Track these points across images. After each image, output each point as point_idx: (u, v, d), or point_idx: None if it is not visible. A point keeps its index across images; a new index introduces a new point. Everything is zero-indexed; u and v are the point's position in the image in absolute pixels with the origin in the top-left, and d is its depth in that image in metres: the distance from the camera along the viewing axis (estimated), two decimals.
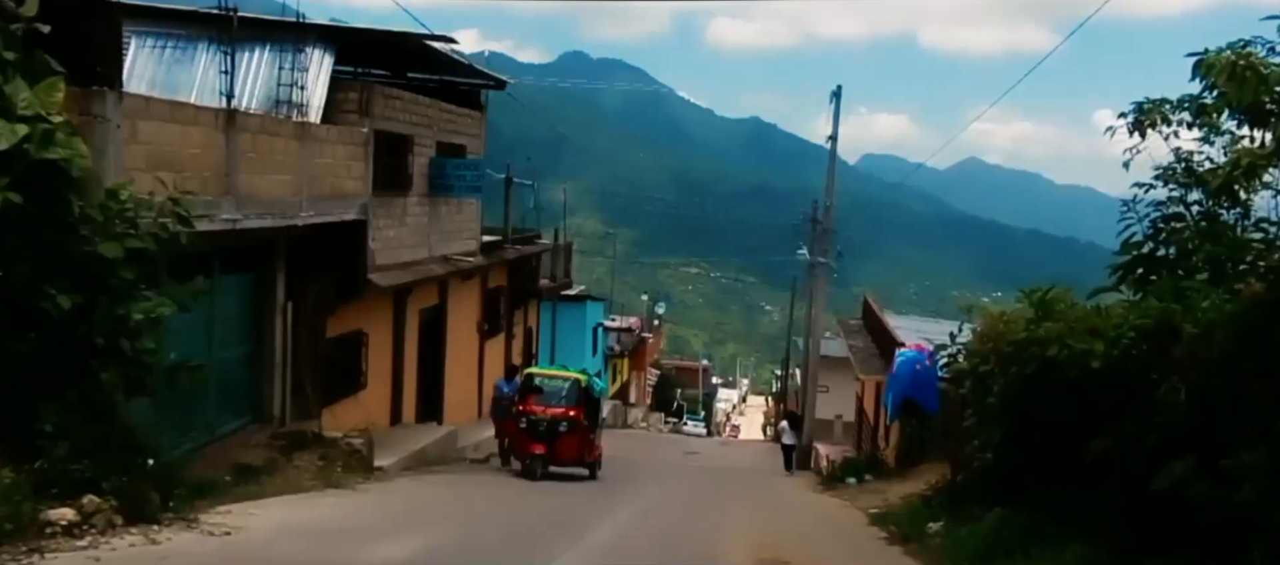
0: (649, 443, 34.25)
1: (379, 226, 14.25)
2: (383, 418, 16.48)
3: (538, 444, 15.44)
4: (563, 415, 15.59)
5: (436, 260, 16.94)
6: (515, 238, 22.45)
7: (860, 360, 21.43)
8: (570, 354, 35.04)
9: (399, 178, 15.09)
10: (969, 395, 9.74)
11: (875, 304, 26.24)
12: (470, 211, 18.64)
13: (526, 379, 16.13)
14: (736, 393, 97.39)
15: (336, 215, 12.43)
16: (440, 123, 16.67)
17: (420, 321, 18.10)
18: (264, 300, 12.22)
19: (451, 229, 17.70)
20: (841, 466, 19.85)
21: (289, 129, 10.91)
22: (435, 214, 16.77)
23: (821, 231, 28.40)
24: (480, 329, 21.88)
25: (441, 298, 19.08)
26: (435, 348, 19.07)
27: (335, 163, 12.32)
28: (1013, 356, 7.89)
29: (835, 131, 27.82)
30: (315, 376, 13.39)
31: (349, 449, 12.52)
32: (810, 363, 28.83)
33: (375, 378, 15.95)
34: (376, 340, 15.96)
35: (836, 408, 35.33)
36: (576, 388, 15.93)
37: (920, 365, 17.00)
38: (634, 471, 21.53)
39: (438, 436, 16.52)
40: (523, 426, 15.64)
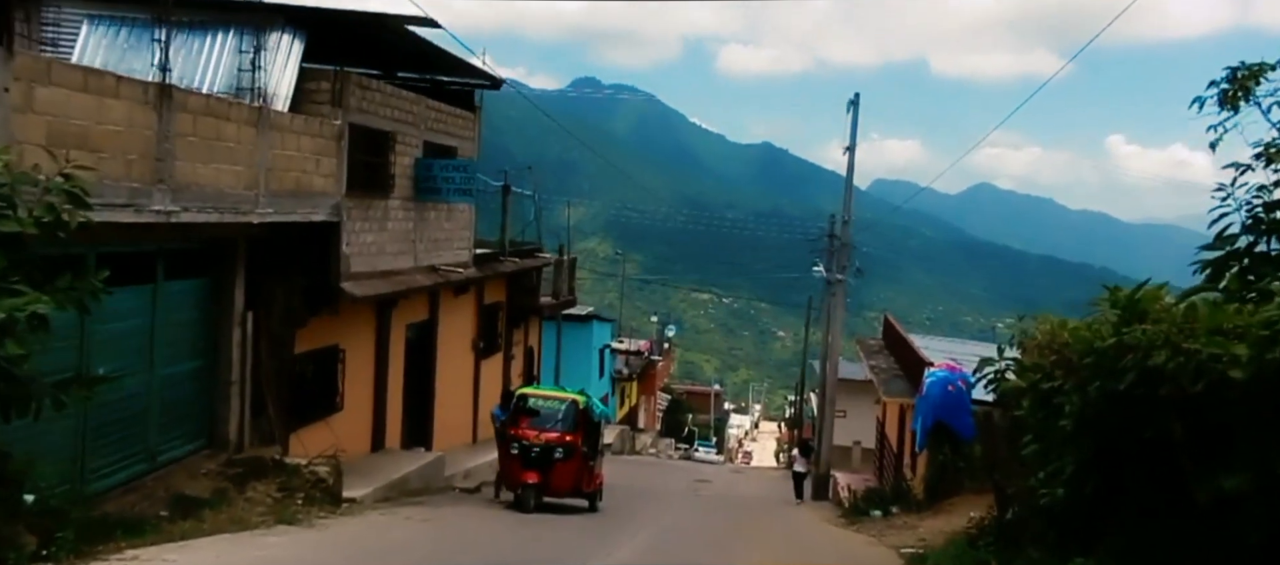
0: (657, 470, 32.66)
1: (355, 230, 12.90)
2: (362, 443, 15.06)
3: (530, 472, 13.99)
4: (558, 440, 14.14)
5: (423, 270, 15.57)
6: (513, 250, 21.07)
7: (883, 381, 19.91)
8: (575, 376, 33.64)
9: (379, 178, 13.76)
10: (1026, 417, 8.22)
11: (897, 323, 24.70)
12: (462, 219, 17.29)
13: (519, 400, 14.69)
14: (749, 418, 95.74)
15: (302, 215, 11.08)
16: (427, 121, 15.35)
17: (407, 338, 16.71)
18: (219, 309, 10.86)
19: (440, 237, 16.34)
20: (864, 497, 18.27)
21: (242, 113, 9.59)
22: (422, 220, 15.42)
23: (839, 246, 26.99)
24: (475, 347, 20.48)
25: (431, 312, 17.70)
26: (424, 367, 17.67)
27: (300, 156, 10.98)
28: (1094, 368, 6.41)
29: (852, 142, 26.49)
30: (281, 396, 12.00)
31: (313, 478, 11.09)
32: (827, 385, 27.26)
33: (353, 398, 14.54)
34: (355, 357, 14.57)
35: (855, 434, 33.75)
36: (574, 410, 14.48)
37: (952, 386, 15.48)
38: (639, 501, 20.01)
39: (422, 463, 15.07)
40: (513, 452, 14.20)
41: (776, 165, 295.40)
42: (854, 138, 26.49)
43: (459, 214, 17.15)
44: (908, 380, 19.54)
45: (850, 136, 26.50)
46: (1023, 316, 9.65)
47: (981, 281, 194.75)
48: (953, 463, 15.23)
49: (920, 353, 18.91)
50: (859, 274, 26.99)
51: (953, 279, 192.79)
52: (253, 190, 9.87)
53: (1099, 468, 6.79)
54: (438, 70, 17.09)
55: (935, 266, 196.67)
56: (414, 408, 17.34)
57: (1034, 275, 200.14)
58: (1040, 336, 8.87)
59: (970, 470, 15.29)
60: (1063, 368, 7.70)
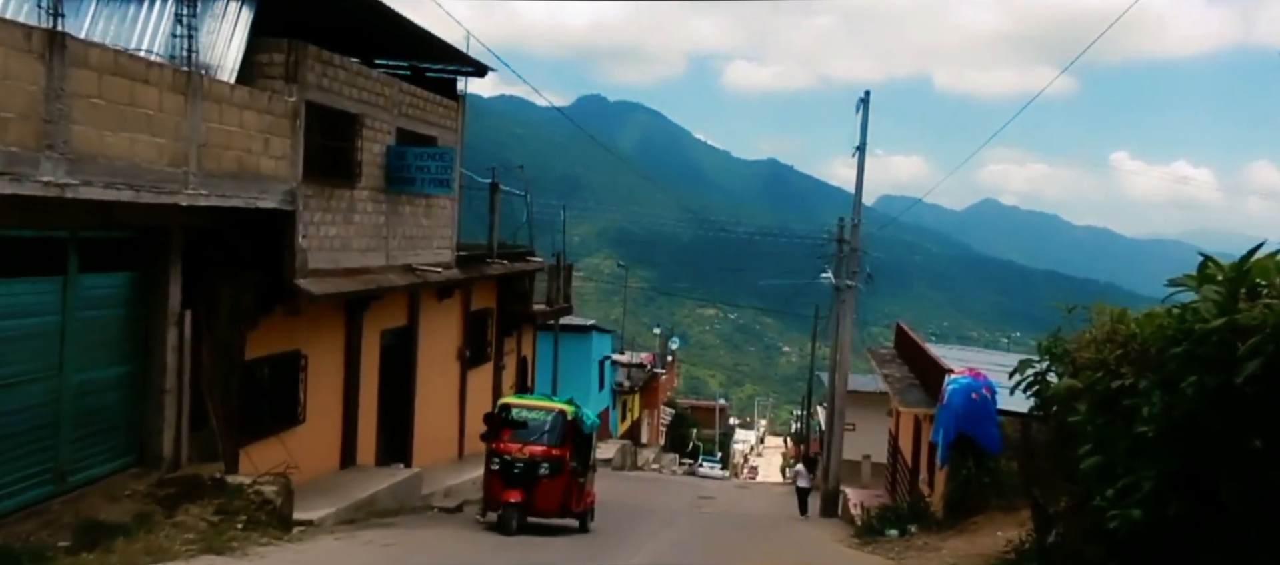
0: (659, 486, 31.23)
1: (313, 221, 11.61)
2: (329, 458, 13.73)
3: (512, 490, 12.64)
4: (544, 455, 12.80)
5: (397, 270, 14.27)
6: (502, 252, 19.77)
7: (899, 391, 18.52)
8: (573, 388, 32.24)
9: (343, 165, 12.49)
10: (1083, 423, 6.88)
11: (911, 330, 23.33)
12: (443, 215, 16.00)
13: (500, 411, 13.36)
14: (754, 434, 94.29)
15: (246, 200, 9.79)
16: (401, 105, 14.09)
17: (382, 344, 15.40)
18: (150, 307, 9.57)
19: (417, 234, 15.05)
20: (878, 515, 16.86)
21: (166, 77, 8.32)
22: (395, 214, 14.13)
23: (848, 251, 25.67)
24: (461, 357, 19.16)
25: (410, 317, 16.40)
26: (402, 376, 16.35)
27: (244, 133, 9.71)
28: (1188, 359, 5.08)
29: (863, 141, 25.24)
30: (227, 406, 10.68)
31: (257, 499, 9.76)
32: (836, 397, 25.86)
33: (318, 410, 13.22)
34: (321, 364, 13.26)
35: (864, 447, 32.29)
36: (562, 421, 13.13)
37: (976, 394, 14.12)
38: (636, 520, 18.62)
39: (395, 481, 13.73)
40: (494, 468, 12.86)
41: (781, 181, 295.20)
42: (864, 136, 25.24)
43: (439, 210, 15.86)
44: (924, 389, 18.15)
45: (860, 135, 25.25)
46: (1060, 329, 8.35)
47: (987, 297, 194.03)
48: (977, 478, 13.83)
49: (939, 360, 17.53)
50: (869, 280, 25.65)
51: (958, 294, 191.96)
52: (180, 167, 8.59)
53: (1188, 484, 5.45)
54: (417, 56, 15.86)
55: (940, 281, 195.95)
56: (391, 421, 16.02)
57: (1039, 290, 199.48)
58: (1097, 329, 7.54)
59: (997, 486, 13.89)
60: (1134, 363, 6.35)
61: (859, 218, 25.50)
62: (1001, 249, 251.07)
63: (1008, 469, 14.08)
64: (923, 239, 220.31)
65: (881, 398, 31.67)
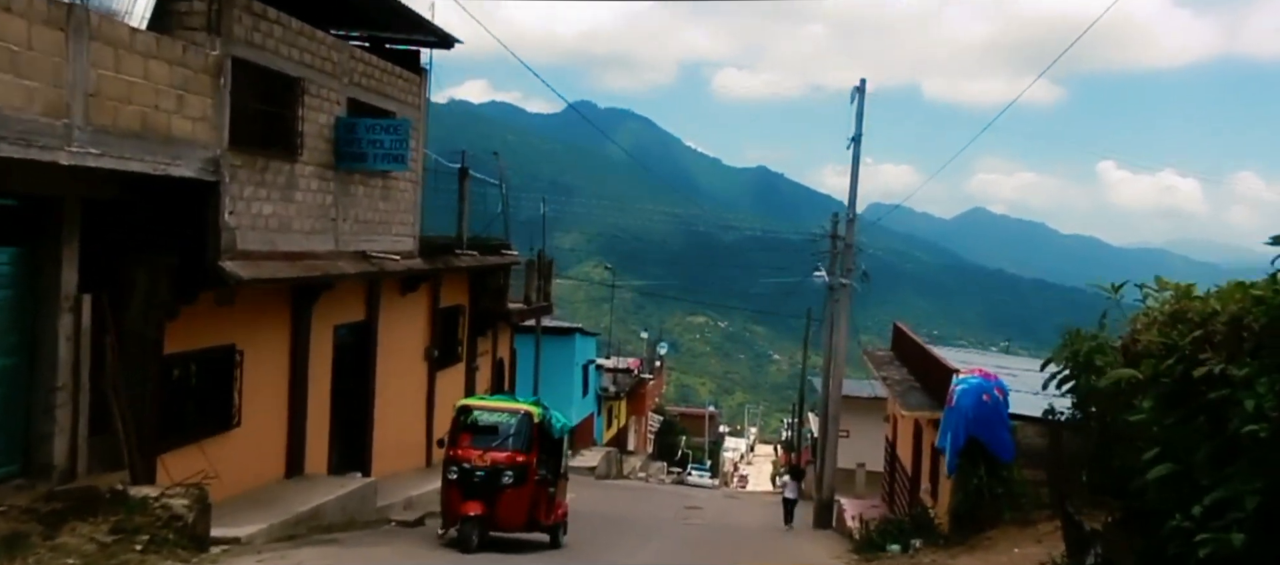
0: (644, 496, 29.85)
1: (244, 196, 10.24)
2: (270, 467, 12.33)
3: (472, 502, 11.29)
4: (508, 462, 11.44)
5: (349, 256, 12.90)
6: (473, 244, 18.41)
7: (899, 394, 17.23)
8: (555, 393, 30.90)
9: (282, 135, 11.13)
10: (1147, 422, 5.58)
11: (909, 330, 22.07)
12: (403, 200, 14.65)
13: (459, 413, 12.00)
14: (744, 441, 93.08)
15: (154, 165, 8.42)
16: (353, 74, 12.74)
17: (336, 341, 14.03)
18: (38, 290, 8.17)
19: (374, 218, 13.70)
20: (879, 529, 15.53)
21: (37, 7, 6.95)
22: (346, 194, 12.77)
23: (843, 248, 24.41)
24: (429, 356, 17.77)
25: (369, 311, 15.02)
26: (360, 377, 14.97)
27: (150, 87, 8.35)
28: None
29: (858, 132, 24.07)
30: (139, 408, 9.28)
31: (165, 514, 8.35)
32: (830, 401, 24.57)
33: (257, 413, 11.83)
34: (261, 361, 11.88)
35: (858, 455, 31.01)
36: (528, 424, 11.77)
37: (987, 396, 12.82)
38: (616, 533, 17.26)
39: (345, 492, 12.34)
40: (452, 478, 11.49)
41: (772, 189, 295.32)
42: (860, 127, 24.07)
43: (398, 193, 14.51)
44: (926, 392, 16.88)
45: (856, 126, 24.07)
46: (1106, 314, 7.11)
47: (976, 305, 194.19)
48: (989, 488, 12.52)
49: (943, 360, 16.27)
50: (865, 278, 24.38)
51: (947, 302, 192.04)
52: (60, 119, 7.21)
53: None
54: (376, 26, 14.53)
55: (930, 290, 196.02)
56: (346, 426, 14.63)
57: (1027, 298, 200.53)
58: (1159, 310, 6.25)
59: (1010, 497, 12.60)
60: (1221, 346, 5.05)
61: (854, 213, 24.27)
62: (990, 257, 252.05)
63: (1022, 478, 12.81)
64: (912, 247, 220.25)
65: (876, 403, 30.41)
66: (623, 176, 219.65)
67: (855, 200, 24.09)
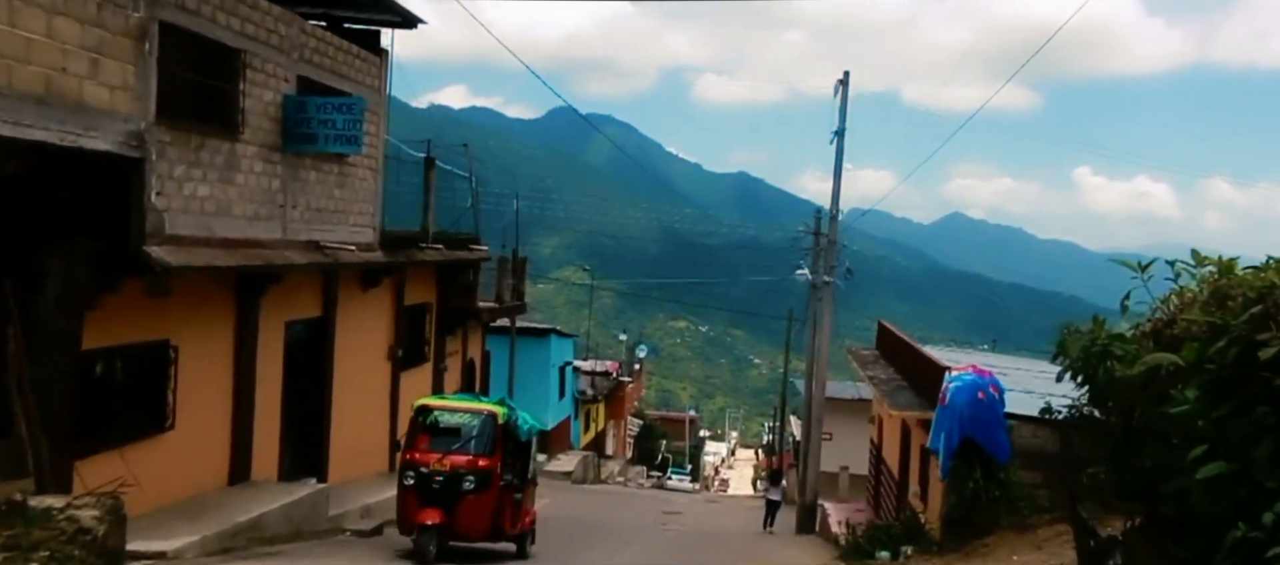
0: (622, 500, 28.99)
1: (174, 175, 9.30)
2: (210, 473, 11.37)
3: (430, 509, 10.41)
4: (469, 466, 10.57)
5: (299, 246, 11.97)
6: (440, 238, 17.48)
7: (887, 392, 16.47)
8: (530, 395, 29.98)
9: (221, 110, 10.21)
10: (1190, 413, 4.80)
11: (895, 327, 21.35)
12: (362, 188, 13.73)
13: (417, 414, 11.12)
14: (725, 446, 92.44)
15: (62, 135, 7.48)
16: (304, 49, 11.81)
17: (288, 338, 13.08)
18: None
19: (328, 206, 12.77)
20: (867, 535, 14.75)
21: None
22: (296, 179, 11.84)
23: (827, 244, 23.70)
24: (392, 355, 16.83)
25: (326, 307, 14.08)
26: (315, 377, 14.03)
27: (55, 46, 7.42)
28: None
29: (842, 125, 23.39)
30: (52, 409, 8.32)
31: (72, 527, 7.38)
32: (814, 402, 23.83)
33: (196, 414, 10.87)
34: (200, 358, 10.92)
35: (842, 458, 30.25)
36: (491, 425, 10.90)
37: (983, 393, 12.08)
38: (589, 541, 16.41)
39: (292, 500, 11.39)
40: (408, 483, 10.60)
41: (752, 194, 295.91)
42: (843, 121, 23.38)
43: (358, 181, 13.59)
44: (915, 391, 16.14)
45: (839, 119, 23.38)
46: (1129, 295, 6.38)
47: (954, 309, 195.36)
48: (986, 491, 11.76)
49: (933, 357, 15.53)
50: (849, 275, 23.68)
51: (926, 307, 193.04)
52: None
53: None
54: (333, 3, 13.61)
55: (908, 294, 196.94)
56: (300, 428, 13.68)
57: (1005, 303, 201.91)
58: (1197, 288, 5.48)
59: (1008, 500, 11.85)
60: None
61: (837, 209, 23.57)
62: (969, 262, 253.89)
63: (1020, 481, 12.07)
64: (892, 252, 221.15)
65: (860, 405, 29.71)
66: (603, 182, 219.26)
67: (839, 195, 23.41)
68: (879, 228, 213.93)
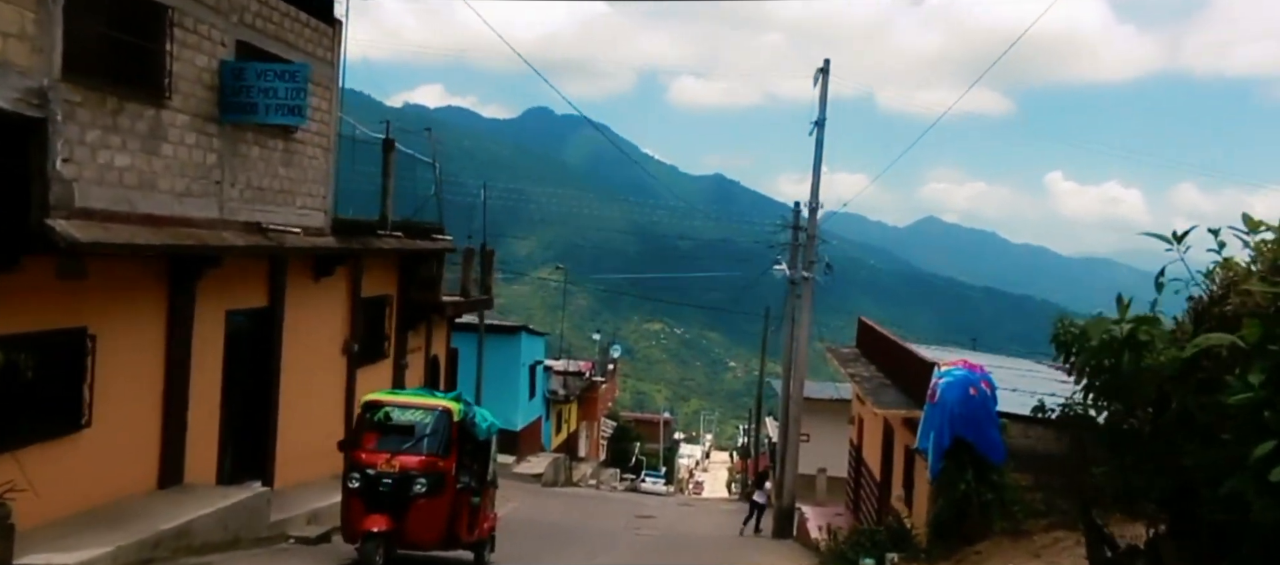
0: (594, 504, 28.07)
1: (85, 141, 8.30)
2: (137, 476, 10.34)
3: (377, 515, 9.47)
4: (421, 467, 9.64)
5: (237, 227, 10.98)
6: (399, 226, 16.51)
7: (871, 390, 15.70)
8: (500, 395, 29.02)
9: (145, 71, 9.21)
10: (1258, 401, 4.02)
11: (876, 324, 20.64)
12: (312, 168, 12.74)
13: (364, 409, 10.19)
14: (700, 448, 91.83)
15: None
16: (244, 11, 10.81)
17: (229, 329, 12.07)
18: None
19: (272, 186, 11.78)
20: (850, 540, 13.97)
21: None
22: (236, 154, 10.85)
23: (806, 239, 22.96)
24: (348, 350, 15.83)
25: (273, 296, 13.07)
26: (261, 372, 13.02)
27: None
28: None
29: (822, 116, 22.68)
30: None
31: None
32: (791, 401, 23.08)
33: (118, 410, 9.86)
34: (124, 349, 9.91)
35: (819, 460, 29.53)
36: (446, 423, 9.98)
37: (974, 389, 11.31)
38: (556, 547, 15.51)
39: (227, 505, 10.40)
40: (353, 486, 9.67)
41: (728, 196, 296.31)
42: (823, 112, 22.67)
43: (307, 160, 12.60)
44: (900, 389, 15.40)
45: (819, 110, 22.66)
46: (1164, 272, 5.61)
47: (928, 312, 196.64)
48: (978, 494, 11.00)
49: (919, 353, 14.80)
50: (829, 270, 22.94)
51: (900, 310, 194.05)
52: None
53: None
54: None
55: (883, 297, 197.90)
56: (243, 427, 12.67)
57: (978, 306, 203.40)
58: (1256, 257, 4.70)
59: (1001, 504, 11.09)
60: None
61: (817, 202, 22.84)
62: (942, 266, 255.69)
63: (1014, 483, 11.33)
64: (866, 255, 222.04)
65: (839, 405, 29.01)
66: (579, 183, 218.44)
67: (818, 187, 22.67)
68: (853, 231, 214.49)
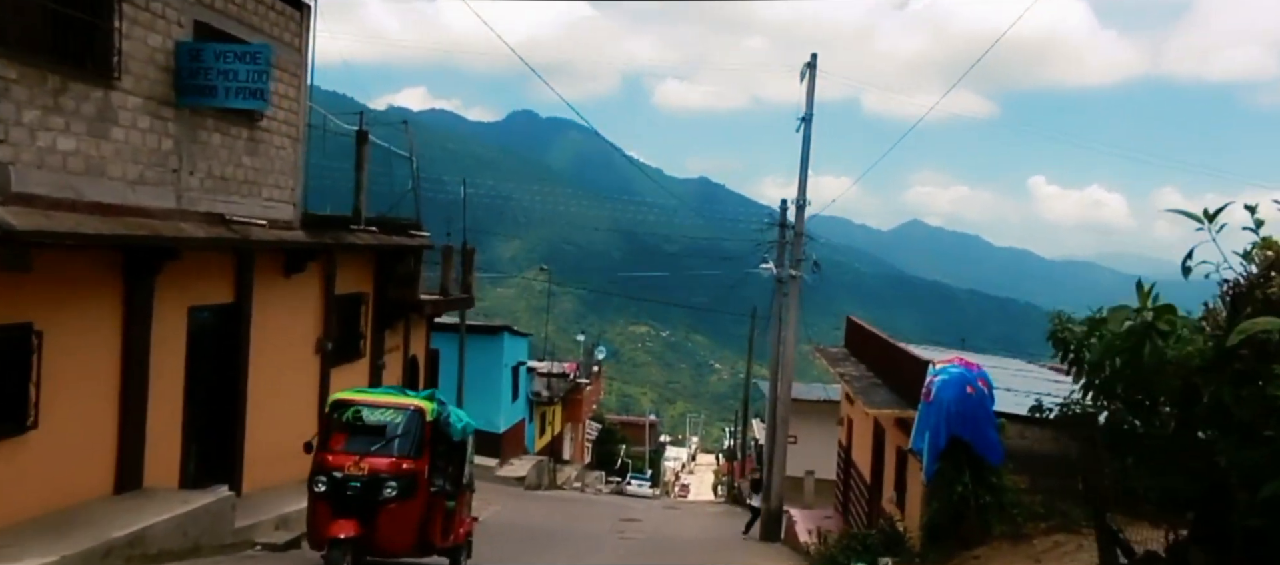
0: (579, 507, 27.55)
1: (24, 123, 7.74)
2: (92, 480, 9.76)
3: (344, 520, 8.92)
4: (391, 469, 9.11)
5: (198, 218, 10.41)
6: (374, 221, 15.95)
7: (862, 390, 15.26)
8: (482, 396, 28.46)
9: (92, 49, 8.64)
10: None
11: (865, 323, 20.23)
12: (279, 157, 12.18)
13: (331, 409, 9.65)
14: (686, 451, 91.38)
15: None
16: None
17: (192, 326, 11.49)
18: None
19: (236, 176, 11.22)
20: (842, 545, 13.52)
21: None
22: (195, 140, 10.28)
23: (794, 236, 22.53)
24: (321, 349, 15.25)
25: (240, 292, 12.50)
26: (228, 371, 12.44)
27: None
28: None
29: (809, 112, 22.30)
30: None
31: None
32: (779, 402, 22.63)
33: (69, 411, 9.28)
34: (75, 347, 9.33)
35: (807, 462, 29.11)
36: (418, 423, 9.45)
37: (971, 387, 10.89)
38: (540, 549, 15.01)
39: (186, 510, 9.83)
40: (320, 490, 9.12)
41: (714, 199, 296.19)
42: (810, 107, 22.29)
43: (274, 150, 12.04)
44: (891, 388, 14.96)
45: (806, 106, 22.27)
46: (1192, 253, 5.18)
47: (912, 315, 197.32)
48: (976, 496, 10.57)
49: (911, 351, 14.38)
50: (816, 269, 22.52)
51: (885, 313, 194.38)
52: None
53: None
54: None
55: (867, 300, 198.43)
56: (208, 429, 12.09)
57: (963, 308, 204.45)
58: None
59: (1000, 507, 10.67)
60: None
61: (804, 199, 22.43)
62: (926, 269, 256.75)
63: (1013, 485, 10.90)
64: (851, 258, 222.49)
65: (826, 406, 28.62)
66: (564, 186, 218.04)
67: (805, 183, 22.26)
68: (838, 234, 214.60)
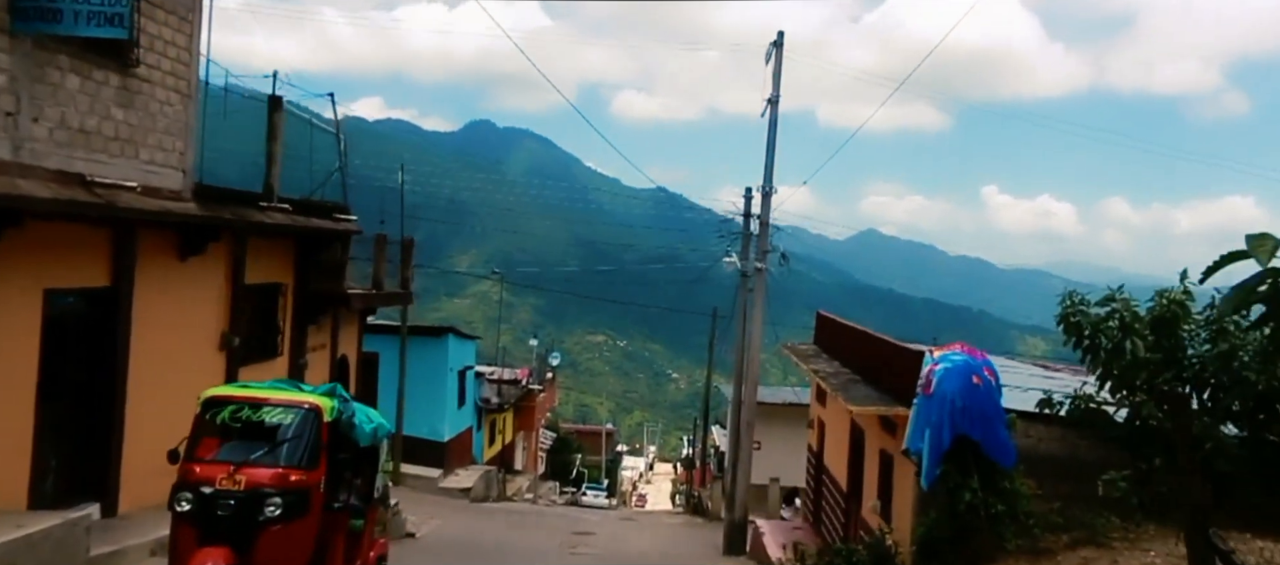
0: (528, 520, 25.66)
1: None
2: None
3: (212, 547, 7.07)
4: (276, 482, 7.28)
5: (45, 177, 8.47)
6: (293, 202, 14.03)
7: (840, 387, 13.69)
8: (423, 401, 26.49)
9: None
10: None
11: (837, 316, 18.74)
12: (164, 114, 10.25)
13: (203, 408, 7.79)
14: (643, 460, 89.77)
15: None
16: None
17: (51, 312, 9.52)
18: None
19: (102, 130, 9.29)
20: (821, 562, 11.91)
21: None
22: (41, 80, 8.35)
23: (759, 227, 21.02)
24: (227, 344, 13.28)
25: (117, 274, 10.52)
26: (100, 368, 10.46)
27: None
28: None
29: (776, 93, 20.87)
30: None
31: None
32: (744, 404, 21.04)
33: None
34: None
35: (772, 469, 27.56)
36: (313, 424, 7.64)
37: (978, 377, 9.35)
38: None
39: (23, 534, 7.86)
40: (183, 509, 7.25)
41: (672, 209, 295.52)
42: (777, 88, 20.84)
43: (155, 103, 10.11)
44: (871, 384, 13.42)
45: (773, 86, 20.81)
46: None
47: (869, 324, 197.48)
48: (986, 505, 9.02)
49: (896, 342, 12.85)
50: (784, 261, 21.02)
51: None
52: None
53: None
54: None
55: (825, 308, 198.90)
56: (73, 437, 10.10)
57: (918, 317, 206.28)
58: None
59: (1014, 517, 9.13)
60: None
61: (770, 186, 20.95)
62: (882, 278, 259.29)
63: (1026, 492, 9.39)
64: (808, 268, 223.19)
65: (793, 410, 27.13)
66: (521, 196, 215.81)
67: (772, 170, 20.79)
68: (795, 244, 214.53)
